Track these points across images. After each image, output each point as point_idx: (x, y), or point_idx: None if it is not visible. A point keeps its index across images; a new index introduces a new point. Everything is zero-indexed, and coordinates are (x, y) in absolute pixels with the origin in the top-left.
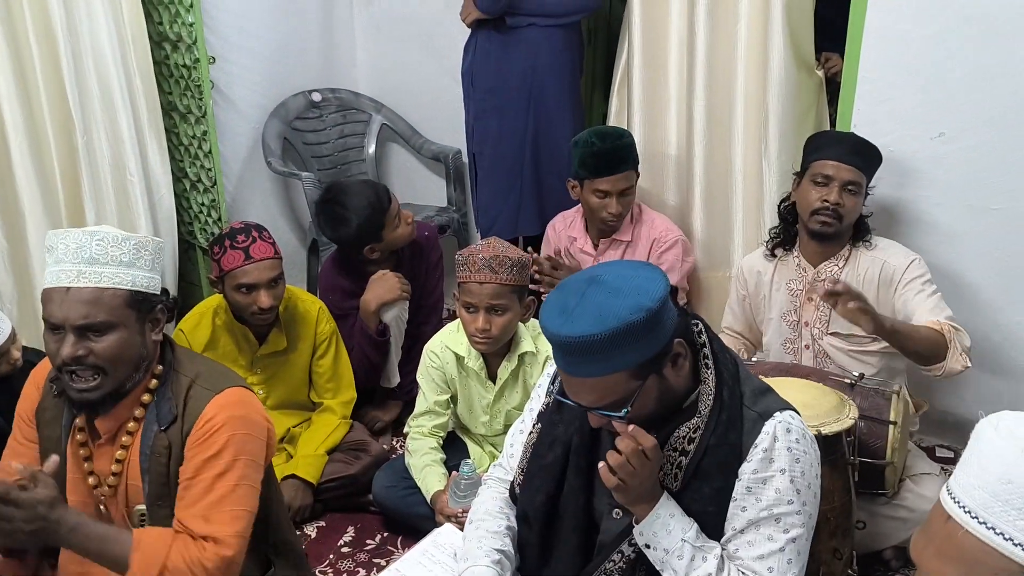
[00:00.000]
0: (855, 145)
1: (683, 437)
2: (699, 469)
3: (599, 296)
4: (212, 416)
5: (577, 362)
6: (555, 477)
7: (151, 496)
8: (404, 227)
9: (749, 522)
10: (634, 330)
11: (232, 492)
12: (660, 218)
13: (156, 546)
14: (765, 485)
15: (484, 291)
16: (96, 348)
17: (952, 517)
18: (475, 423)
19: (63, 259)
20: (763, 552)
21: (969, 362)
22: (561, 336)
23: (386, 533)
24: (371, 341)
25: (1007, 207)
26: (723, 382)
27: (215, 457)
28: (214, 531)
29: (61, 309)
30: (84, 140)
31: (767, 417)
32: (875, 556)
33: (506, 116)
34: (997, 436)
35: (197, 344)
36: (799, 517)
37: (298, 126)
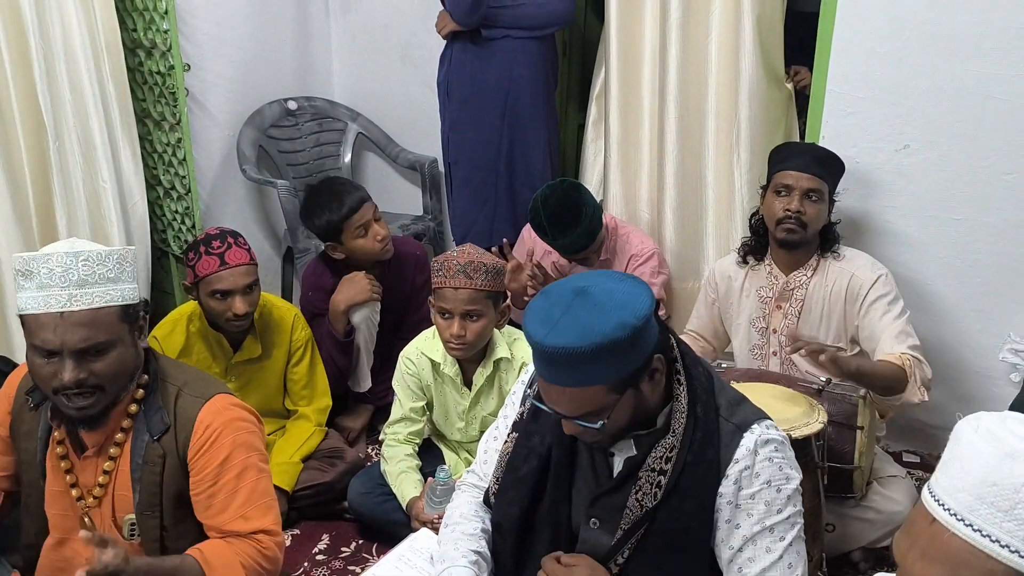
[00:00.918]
0: (815, 155)
1: (660, 457)
2: (677, 486)
3: (584, 310)
4: (209, 423)
5: (557, 371)
6: (530, 489)
7: (141, 505)
8: (372, 242)
9: (745, 539)
10: (616, 347)
11: (256, 486)
12: (635, 232)
13: (224, 555)
14: (754, 500)
15: (459, 297)
16: (97, 368)
17: (937, 520)
18: (451, 429)
19: (49, 284)
20: (765, 565)
21: (927, 396)
22: (544, 345)
23: (361, 540)
24: (336, 342)
25: (969, 217)
26: (696, 398)
27: (227, 461)
28: (260, 525)
29: (57, 335)
30: (56, 146)
31: (745, 429)
32: (844, 558)
33: (481, 127)
34: (978, 438)
35: (171, 351)
36: (791, 520)
37: (273, 134)
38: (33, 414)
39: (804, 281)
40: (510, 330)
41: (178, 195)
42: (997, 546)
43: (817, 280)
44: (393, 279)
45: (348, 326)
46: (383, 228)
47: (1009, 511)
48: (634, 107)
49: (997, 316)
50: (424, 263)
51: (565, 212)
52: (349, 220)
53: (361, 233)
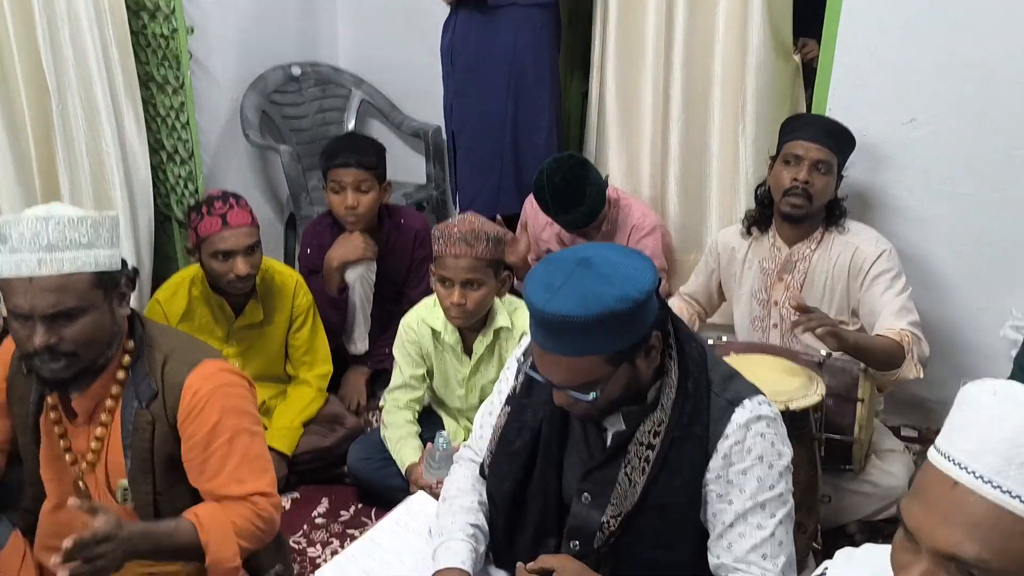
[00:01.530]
0: (826, 127)
1: (648, 431)
2: (666, 462)
3: (587, 280)
4: (197, 390)
5: (555, 339)
6: (522, 464)
7: (133, 471)
8: (340, 205)
9: (737, 515)
10: (616, 318)
11: (250, 448)
12: (637, 204)
13: (218, 517)
14: (746, 476)
15: (460, 265)
16: (67, 334)
17: (960, 483)
18: (451, 397)
19: (19, 248)
20: (756, 542)
21: (922, 373)
22: (544, 312)
23: (360, 505)
24: (329, 299)
25: (974, 192)
26: (688, 373)
27: (217, 426)
28: (254, 487)
29: (27, 299)
30: (59, 109)
31: (736, 404)
32: (840, 530)
33: (485, 96)
34: (997, 402)
35: (173, 315)
36: (782, 498)
37: (277, 99)
38: (26, 379)
39: (807, 254)
40: (511, 299)
41: (181, 159)
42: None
43: (821, 253)
44: (391, 249)
45: (342, 284)
46: (356, 201)
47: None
48: (637, 77)
49: (1000, 293)
50: (425, 238)
51: (569, 189)
52: (331, 170)
53: (335, 188)
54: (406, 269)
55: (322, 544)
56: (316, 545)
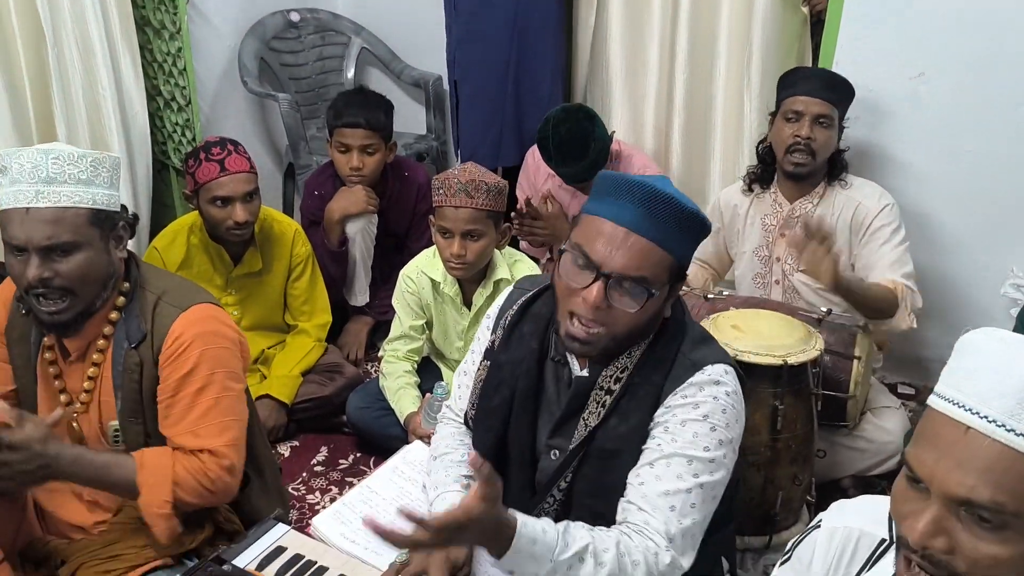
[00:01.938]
0: (825, 79)
1: (610, 376)
2: (618, 407)
3: (669, 187)
4: (180, 333)
5: (650, 218)
6: (502, 419)
7: (124, 412)
8: (344, 165)
9: (661, 455)
10: (698, 224)
11: (216, 405)
12: (639, 155)
13: (160, 463)
14: (684, 427)
15: (460, 216)
16: (62, 269)
17: (973, 428)
18: (450, 348)
19: (18, 179)
20: (669, 489)
21: (915, 323)
22: (653, 188)
23: (359, 453)
24: (329, 251)
25: (980, 149)
26: (665, 328)
27: (191, 374)
28: (206, 444)
29: (22, 230)
30: (55, 53)
31: (699, 367)
32: (833, 484)
33: (489, 42)
34: (1006, 347)
35: (171, 263)
36: (712, 466)
37: (276, 46)
38: (25, 319)
39: (809, 209)
40: (511, 251)
41: (178, 106)
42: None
43: (823, 209)
44: (393, 202)
45: (343, 236)
46: (361, 162)
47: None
48: (642, 28)
49: (1002, 251)
50: (428, 191)
51: (574, 142)
52: (338, 129)
53: (340, 148)
54: (408, 222)
55: (321, 491)
56: (315, 492)
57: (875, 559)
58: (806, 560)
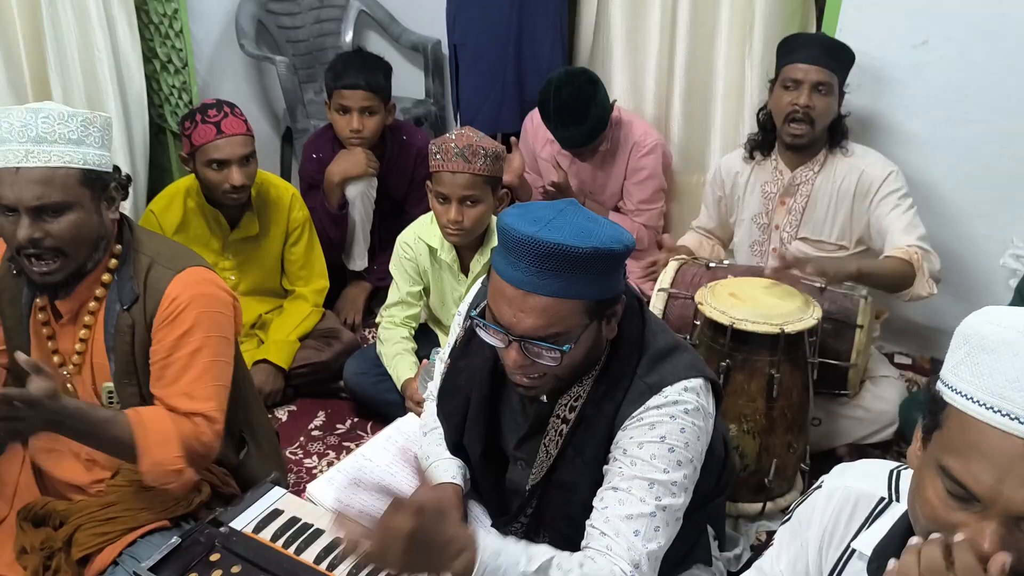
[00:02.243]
0: (824, 46)
1: (565, 405)
2: (573, 439)
3: (578, 217)
4: (176, 295)
5: (543, 274)
6: (455, 425)
7: (118, 374)
8: (344, 127)
9: (623, 478)
10: (609, 259)
11: (210, 368)
12: (639, 121)
13: (162, 424)
14: (641, 449)
15: (457, 181)
16: (53, 230)
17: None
18: (447, 315)
19: (8, 138)
20: (632, 512)
21: (935, 288)
22: (537, 240)
23: (356, 418)
24: (328, 214)
25: (983, 119)
26: (616, 352)
27: (186, 335)
28: (200, 407)
29: (12, 190)
30: (50, 14)
31: (656, 390)
32: (829, 453)
33: (490, 7)
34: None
35: (168, 226)
36: (674, 488)
37: (273, 8)
38: (16, 280)
39: (810, 177)
40: None
41: (175, 69)
42: None
43: (824, 176)
44: (392, 166)
45: (342, 199)
46: (361, 123)
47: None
48: None
49: (1003, 221)
50: (427, 156)
51: (575, 105)
52: (338, 91)
53: (340, 109)
54: (407, 186)
55: (318, 455)
56: (312, 456)
57: (874, 517)
58: (805, 520)
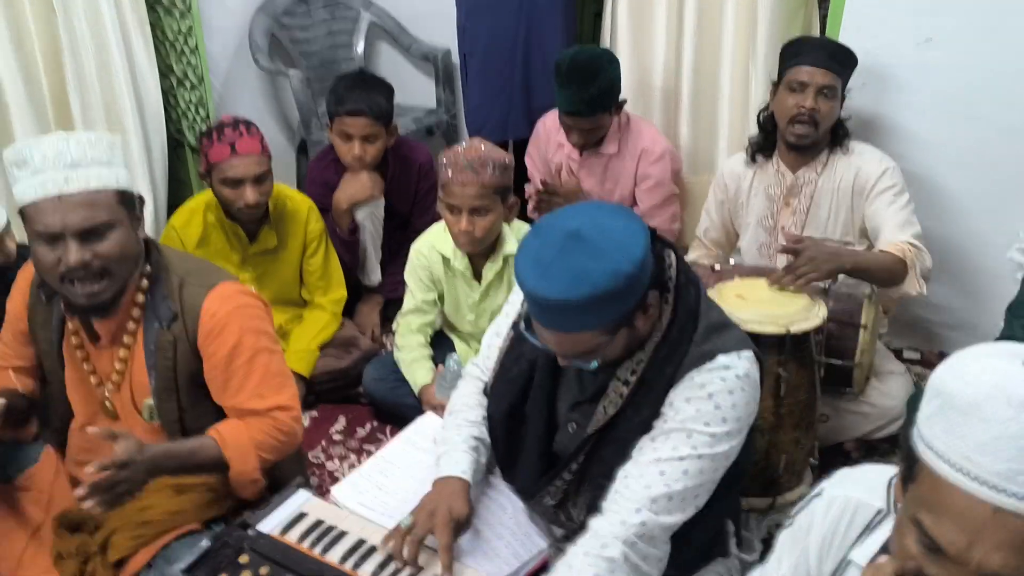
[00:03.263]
0: (829, 49)
1: (627, 369)
2: (634, 399)
3: (577, 256)
4: (215, 311)
5: (548, 318)
6: (518, 390)
7: (158, 390)
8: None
9: (660, 431)
10: (610, 295)
11: (269, 366)
12: (648, 127)
13: (238, 434)
14: (688, 403)
15: (466, 192)
16: (100, 250)
17: (1002, 508)
18: (461, 321)
19: (43, 168)
20: (661, 456)
21: (924, 289)
22: (536, 294)
23: (375, 422)
24: (341, 240)
25: (989, 115)
26: (676, 321)
27: (237, 346)
28: (275, 401)
29: (57, 217)
30: (67, 34)
31: (710, 357)
32: (837, 447)
33: (499, 14)
34: (1015, 412)
35: (189, 241)
36: (712, 441)
37: (286, 22)
38: (46, 307)
39: (813, 178)
40: (519, 224)
41: (191, 85)
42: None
43: (826, 176)
44: (396, 184)
45: (352, 223)
46: (363, 151)
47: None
48: None
49: (1010, 216)
50: (429, 171)
51: (586, 68)
52: (340, 117)
53: (342, 136)
54: (411, 201)
55: (340, 459)
56: (334, 459)
57: (871, 528)
58: (805, 527)
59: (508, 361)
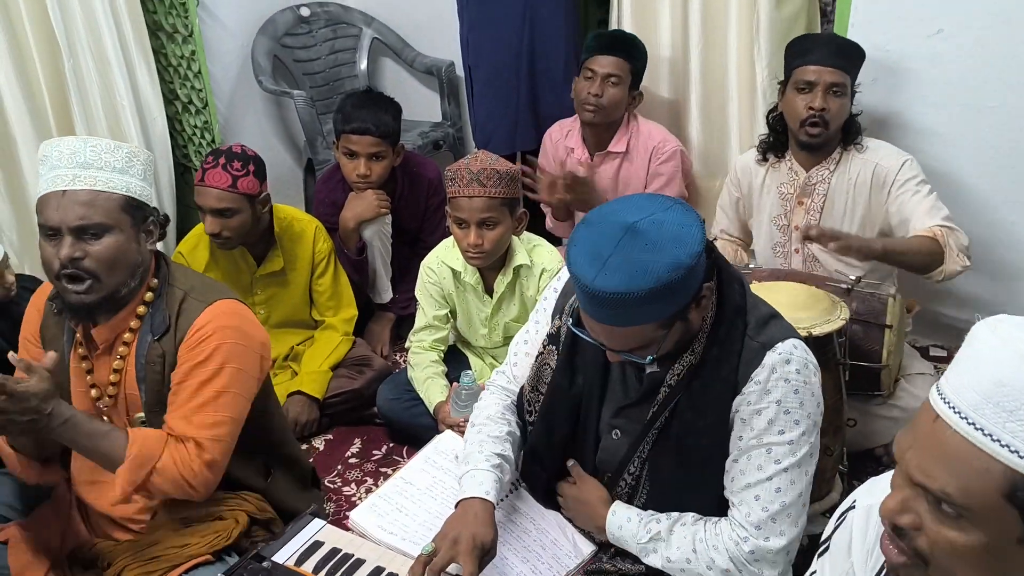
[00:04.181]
0: (835, 46)
1: (678, 373)
2: (692, 403)
3: (636, 250)
4: (204, 325)
5: (605, 313)
6: (571, 417)
7: (148, 404)
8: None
9: (740, 451)
10: (670, 288)
11: (216, 398)
12: (656, 128)
13: (151, 444)
14: (759, 415)
15: (474, 206)
16: (92, 250)
17: (940, 416)
18: (475, 336)
19: (57, 165)
20: (750, 481)
21: (968, 261)
22: (594, 288)
23: (392, 444)
24: (348, 259)
25: (1003, 104)
26: (723, 318)
27: (203, 363)
28: (193, 433)
29: (57, 212)
30: (71, 63)
31: (769, 347)
32: (868, 453)
33: (501, 26)
34: (994, 338)
35: (197, 266)
36: (791, 447)
37: (288, 43)
38: (58, 319)
39: (826, 176)
40: (529, 236)
41: (196, 109)
42: (997, 445)
43: (839, 174)
44: (404, 201)
45: (360, 242)
46: (369, 169)
47: (1014, 412)
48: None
49: None
50: (438, 186)
51: (626, 39)
52: (345, 135)
53: (347, 154)
54: (420, 218)
55: (356, 483)
56: (351, 484)
57: None
58: (844, 546)
59: (564, 379)
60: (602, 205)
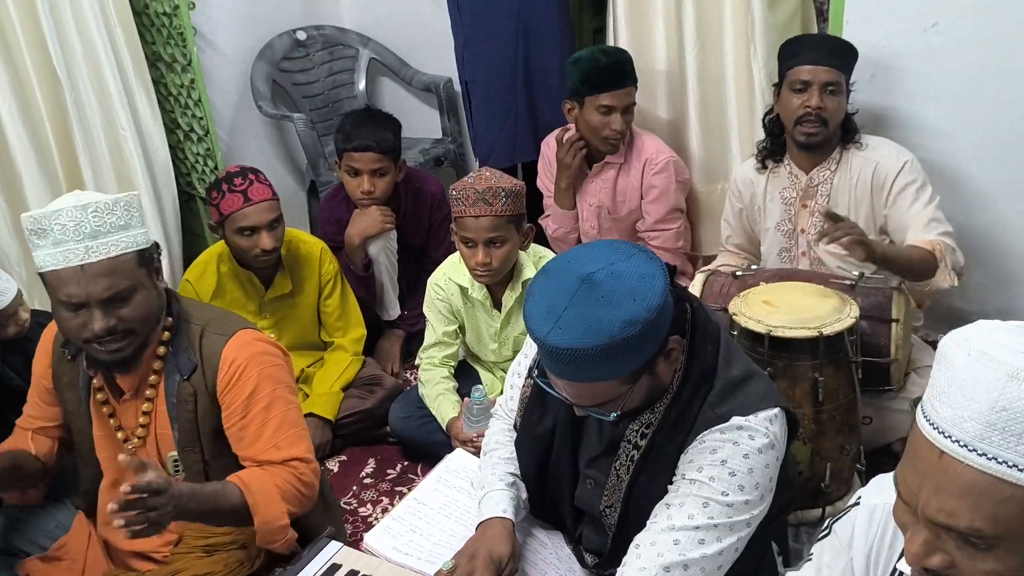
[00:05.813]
0: (828, 45)
1: (636, 431)
2: (645, 465)
3: (591, 304)
4: (233, 359)
5: (563, 368)
6: (545, 448)
7: (181, 442)
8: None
9: (676, 496)
10: (626, 344)
11: (285, 417)
12: (651, 138)
13: (261, 481)
14: (700, 472)
15: (481, 225)
16: (124, 314)
17: (946, 453)
18: (484, 351)
19: (64, 240)
20: (675, 524)
21: (957, 281)
22: (548, 344)
23: (406, 462)
24: (355, 276)
25: (1002, 95)
26: (689, 378)
27: (254, 394)
28: (292, 453)
29: (81, 287)
30: (72, 97)
31: (724, 420)
32: (885, 449)
33: (496, 41)
34: (973, 362)
35: (204, 293)
36: (729, 511)
37: (286, 67)
38: (71, 365)
39: (827, 177)
40: (536, 249)
41: (197, 137)
42: (1015, 471)
43: (841, 174)
44: (409, 217)
45: (366, 259)
46: (372, 185)
47: (1022, 435)
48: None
49: None
50: (441, 201)
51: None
52: (347, 153)
53: (350, 172)
54: (425, 233)
55: (372, 503)
56: (367, 504)
57: None
58: (845, 537)
59: (533, 417)
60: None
